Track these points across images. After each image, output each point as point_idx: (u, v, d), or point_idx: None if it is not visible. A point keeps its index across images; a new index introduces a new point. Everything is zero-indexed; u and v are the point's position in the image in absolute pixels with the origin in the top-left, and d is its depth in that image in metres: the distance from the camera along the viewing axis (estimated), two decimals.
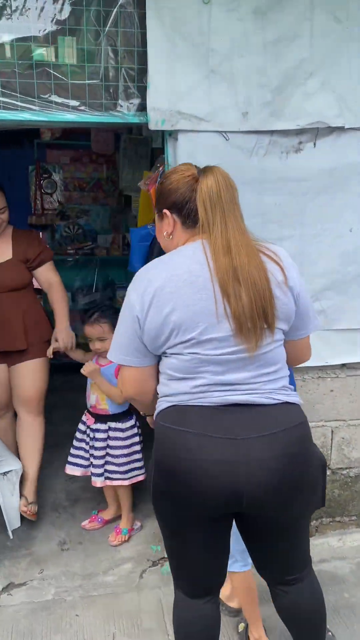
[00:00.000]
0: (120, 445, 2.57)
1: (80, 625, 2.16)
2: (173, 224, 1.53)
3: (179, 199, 1.50)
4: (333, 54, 2.16)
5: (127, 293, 1.49)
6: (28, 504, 2.70)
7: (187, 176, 1.52)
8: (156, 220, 1.62)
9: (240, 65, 2.10)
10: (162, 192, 1.56)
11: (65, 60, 2.01)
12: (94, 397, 2.57)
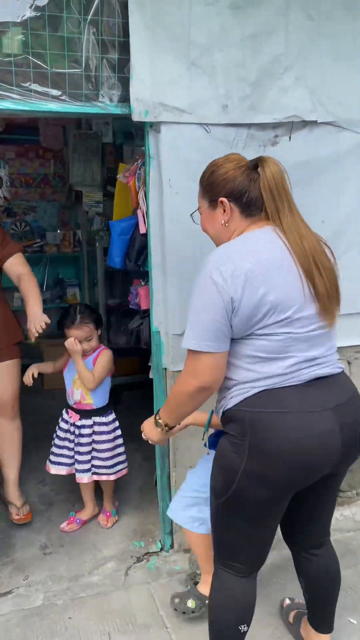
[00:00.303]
0: (105, 439, 2.58)
1: (74, 627, 2.11)
2: (230, 212, 1.55)
3: (238, 188, 1.54)
4: (306, 50, 2.23)
5: (203, 278, 1.47)
6: (19, 509, 2.67)
7: (242, 165, 1.57)
8: (205, 209, 1.64)
9: (220, 58, 2.12)
10: (215, 182, 1.58)
11: (45, 48, 1.94)
12: (79, 392, 2.54)
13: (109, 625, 2.12)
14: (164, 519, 2.52)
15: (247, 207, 1.56)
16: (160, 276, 2.27)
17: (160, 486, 2.50)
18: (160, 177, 2.15)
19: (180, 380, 1.53)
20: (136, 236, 2.29)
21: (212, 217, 1.63)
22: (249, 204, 1.55)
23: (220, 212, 1.59)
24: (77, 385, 2.55)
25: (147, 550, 2.55)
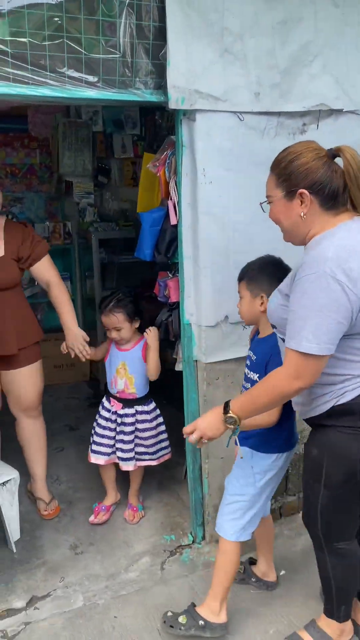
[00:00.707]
0: (148, 427, 2.59)
1: (122, 626, 2.08)
2: (309, 204, 1.51)
3: (321, 179, 1.50)
4: (332, 38, 2.23)
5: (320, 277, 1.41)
6: (47, 505, 2.68)
7: (322, 155, 1.52)
8: (279, 199, 1.57)
9: (252, 45, 2.10)
10: (295, 172, 1.52)
11: (80, 32, 1.87)
12: (122, 382, 2.56)
13: (157, 621, 2.10)
14: (195, 510, 2.51)
15: (328, 200, 1.53)
16: (192, 267, 2.24)
17: (192, 478, 2.48)
18: (195, 166, 2.11)
19: (279, 381, 1.50)
20: (167, 227, 2.25)
21: (288, 209, 1.57)
22: (330, 196, 1.51)
23: (298, 203, 1.54)
24: (120, 374, 2.57)
25: (179, 543, 2.54)
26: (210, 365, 2.33)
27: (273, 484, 2.00)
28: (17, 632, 2.05)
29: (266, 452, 1.93)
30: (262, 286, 1.84)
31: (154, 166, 2.23)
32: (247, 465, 1.95)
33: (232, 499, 1.98)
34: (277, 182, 1.57)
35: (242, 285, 1.91)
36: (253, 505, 1.96)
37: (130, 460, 2.60)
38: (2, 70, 1.80)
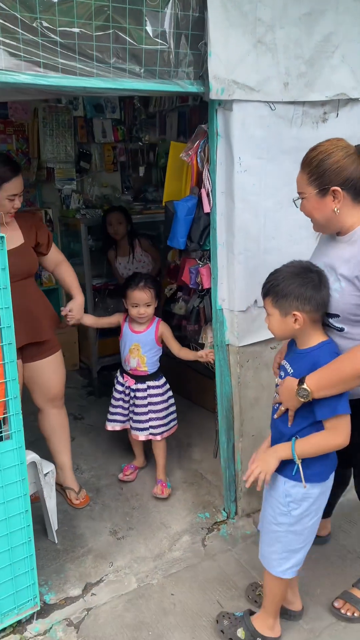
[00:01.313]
0: (160, 400, 2.78)
1: (181, 602, 2.16)
2: (342, 200, 1.62)
3: (352, 176, 1.62)
4: (350, 30, 2.33)
5: None
6: (78, 494, 2.72)
7: (351, 153, 1.63)
8: (312, 196, 1.67)
9: (281, 36, 2.16)
10: (327, 170, 1.62)
11: (126, 21, 1.86)
12: (135, 360, 2.74)
13: (214, 593, 2.20)
14: (229, 487, 2.62)
15: (359, 194, 1.66)
16: (225, 254, 2.31)
17: (225, 457, 2.58)
18: (232, 154, 2.16)
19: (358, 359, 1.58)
20: (200, 215, 2.29)
21: (322, 205, 1.68)
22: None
23: (330, 199, 1.66)
24: (133, 354, 2.73)
25: (214, 520, 2.64)
26: (242, 348, 2.42)
27: (311, 513, 1.79)
28: (82, 619, 2.09)
29: (295, 480, 1.74)
30: (292, 303, 1.65)
31: (186, 155, 2.26)
32: (280, 493, 1.78)
33: (270, 528, 1.84)
34: (310, 180, 1.67)
35: (267, 303, 1.72)
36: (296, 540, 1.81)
37: (144, 431, 2.79)
38: (52, 60, 1.78)
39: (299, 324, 1.66)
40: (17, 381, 1.86)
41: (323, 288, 1.67)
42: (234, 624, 1.97)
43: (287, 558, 1.82)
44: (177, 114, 3.82)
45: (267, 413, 2.59)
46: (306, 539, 1.83)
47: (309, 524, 1.80)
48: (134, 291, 2.63)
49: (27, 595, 2.06)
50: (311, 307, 1.64)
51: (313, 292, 1.64)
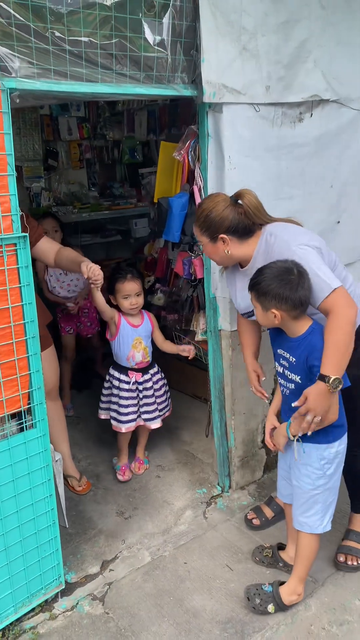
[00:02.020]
0: (162, 384, 2.96)
1: (195, 569, 2.34)
2: (230, 243, 1.99)
3: (233, 223, 1.97)
4: (320, 36, 2.54)
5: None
6: (79, 481, 2.83)
7: (229, 205, 1.98)
8: (207, 243, 2.03)
9: (263, 43, 2.34)
10: (212, 223, 1.98)
11: (127, 30, 1.98)
12: (140, 354, 2.83)
13: (222, 559, 2.39)
14: (223, 463, 2.81)
15: (242, 235, 2.00)
16: None
17: (218, 434, 2.76)
18: (222, 154, 2.33)
19: (343, 317, 1.78)
20: (194, 210, 2.44)
21: (215, 249, 2.04)
22: (243, 231, 1.98)
23: (221, 244, 2.01)
24: (137, 348, 2.83)
25: (211, 494, 2.83)
26: (234, 332, 2.61)
27: (340, 466, 2.03)
28: (105, 593, 2.23)
29: (328, 442, 1.95)
30: (271, 301, 1.82)
31: (179, 154, 2.40)
32: (315, 459, 1.97)
33: (307, 495, 2.01)
34: (202, 232, 2.02)
35: (252, 296, 1.91)
36: (329, 494, 2.02)
37: (157, 419, 2.92)
38: (62, 67, 1.88)
39: (278, 319, 1.84)
40: (41, 372, 1.97)
41: (300, 289, 1.80)
42: (264, 601, 2.10)
43: (325, 513, 2.04)
44: (146, 113, 3.95)
45: None
46: (336, 489, 2.05)
47: (337, 476, 2.03)
48: (124, 283, 2.72)
49: (53, 575, 2.18)
50: (288, 306, 1.80)
51: (290, 292, 1.79)
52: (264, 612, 2.09)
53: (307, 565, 2.10)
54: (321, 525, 2.04)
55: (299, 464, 2.01)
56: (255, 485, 2.89)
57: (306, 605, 2.14)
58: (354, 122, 2.82)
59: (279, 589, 2.11)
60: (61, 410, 2.81)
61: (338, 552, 2.34)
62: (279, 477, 2.23)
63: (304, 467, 2.00)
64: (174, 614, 2.12)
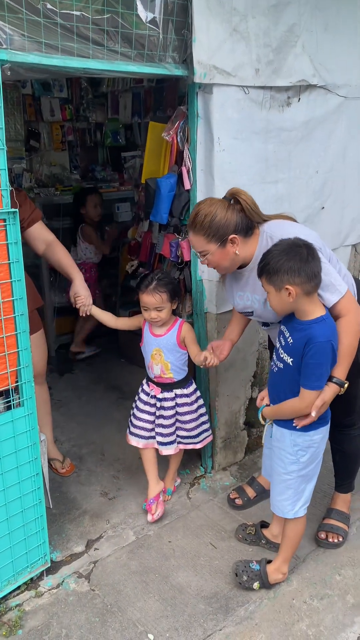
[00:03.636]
0: (189, 410, 2.53)
1: (179, 547, 2.37)
2: (239, 243, 1.99)
3: (237, 222, 1.98)
4: (308, 21, 2.55)
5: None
6: (62, 463, 2.84)
7: (227, 206, 1.99)
8: (215, 250, 1.99)
9: (253, 25, 2.34)
10: (220, 226, 1.96)
11: (120, 7, 1.96)
12: (158, 367, 2.47)
13: (206, 537, 2.42)
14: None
15: (246, 233, 2.02)
16: None
17: None
18: (212, 135, 2.34)
19: (356, 323, 1.89)
20: (182, 192, 2.45)
21: (225, 253, 2.01)
22: (246, 229, 2.00)
23: (230, 246, 1.99)
24: (155, 360, 2.46)
25: (194, 475, 2.86)
26: (219, 315, 2.63)
27: (317, 456, 2.02)
28: (90, 570, 2.24)
29: (303, 430, 1.95)
30: (283, 277, 1.78)
31: (167, 135, 2.40)
32: (288, 444, 1.98)
33: (280, 478, 2.04)
34: (208, 239, 1.99)
35: (263, 282, 1.87)
36: (302, 482, 2.03)
37: (171, 444, 2.54)
38: (53, 40, 1.85)
39: (293, 296, 1.78)
40: (29, 350, 1.96)
41: (311, 259, 1.77)
42: (251, 578, 2.13)
43: (298, 498, 2.04)
44: (131, 95, 3.91)
45: (240, 375, 2.85)
46: (311, 478, 2.05)
47: (313, 465, 2.02)
48: (142, 294, 2.36)
49: (38, 553, 2.18)
50: (301, 279, 1.76)
51: (301, 264, 1.76)
52: (249, 588, 2.13)
53: (292, 547, 2.14)
54: (292, 511, 2.05)
55: (275, 446, 2.05)
56: (237, 467, 2.94)
57: (288, 580, 2.19)
58: (339, 109, 2.84)
59: (267, 569, 2.15)
60: (46, 395, 2.80)
61: (319, 530, 2.40)
62: (263, 455, 2.27)
63: (278, 450, 2.03)
64: (160, 590, 2.15)
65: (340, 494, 2.49)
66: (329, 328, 1.84)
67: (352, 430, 2.32)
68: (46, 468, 2.53)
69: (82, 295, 2.45)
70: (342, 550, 2.35)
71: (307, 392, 1.85)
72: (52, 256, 2.50)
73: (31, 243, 2.50)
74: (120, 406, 3.51)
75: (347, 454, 2.39)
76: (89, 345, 4.26)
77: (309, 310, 1.84)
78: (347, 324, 1.89)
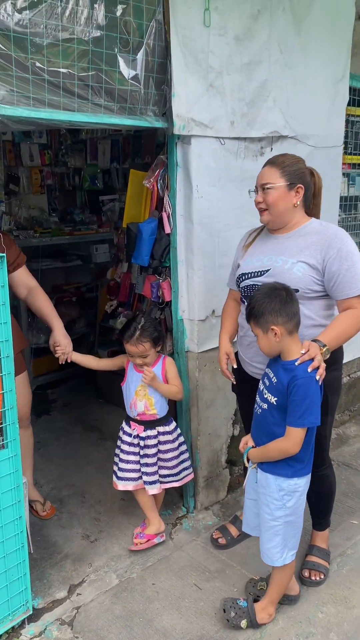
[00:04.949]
0: (171, 448, 2.54)
1: (163, 589, 2.35)
2: (301, 197, 2.09)
3: (309, 183, 2.11)
4: (279, 78, 2.73)
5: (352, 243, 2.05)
6: (43, 505, 2.82)
7: (308, 167, 2.13)
8: (281, 187, 2.06)
9: (228, 81, 2.50)
10: (297, 170, 2.07)
11: (103, 64, 2.09)
12: (142, 403, 2.48)
13: (190, 578, 2.41)
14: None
15: (307, 199, 2.13)
16: (185, 270, 2.58)
17: None
18: (190, 183, 2.45)
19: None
20: (162, 236, 2.54)
21: (287, 196, 2.07)
22: (309, 197, 2.14)
23: (294, 194, 2.08)
24: (139, 396, 2.48)
25: (176, 515, 2.85)
26: (200, 354, 2.69)
27: (302, 502, 2.05)
28: (73, 617, 2.20)
29: (287, 476, 1.98)
30: (268, 319, 1.86)
31: (148, 182, 2.50)
32: (274, 489, 2.00)
33: (268, 525, 2.04)
34: (282, 174, 2.06)
35: (252, 326, 1.94)
36: (290, 528, 2.04)
37: (155, 484, 2.53)
38: (40, 95, 1.95)
39: (279, 336, 1.86)
40: (14, 392, 1.98)
41: (289, 300, 1.88)
42: (239, 615, 2.13)
43: (284, 547, 2.05)
44: (110, 142, 4.05)
45: (221, 413, 2.89)
46: (299, 525, 2.07)
47: (299, 511, 2.04)
48: (127, 344, 2.41)
49: (20, 601, 2.13)
50: (283, 319, 1.85)
51: (281, 305, 1.86)
52: (236, 626, 2.12)
53: (280, 590, 2.16)
54: (280, 559, 2.06)
55: (260, 492, 2.06)
56: (219, 505, 2.94)
57: (274, 620, 2.18)
58: (309, 158, 2.95)
59: (255, 608, 2.15)
60: (30, 439, 2.77)
61: (303, 568, 2.41)
62: (245, 507, 2.21)
63: (264, 496, 2.04)
64: (144, 634, 2.12)
65: (317, 531, 2.51)
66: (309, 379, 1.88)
67: (322, 470, 2.35)
68: (27, 511, 2.50)
69: (61, 344, 2.49)
70: (324, 587, 2.37)
71: (292, 430, 1.88)
72: (34, 302, 2.55)
73: (14, 287, 2.53)
74: (100, 447, 3.50)
75: (320, 493, 2.42)
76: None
77: (293, 350, 1.90)
78: (356, 313, 2.01)
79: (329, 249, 2.01)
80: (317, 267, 2.03)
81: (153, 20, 2.20)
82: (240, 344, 2.31)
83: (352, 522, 2.80)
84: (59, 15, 1.95)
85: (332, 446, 3.05)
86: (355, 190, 3.78)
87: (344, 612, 2.23)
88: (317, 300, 2.08)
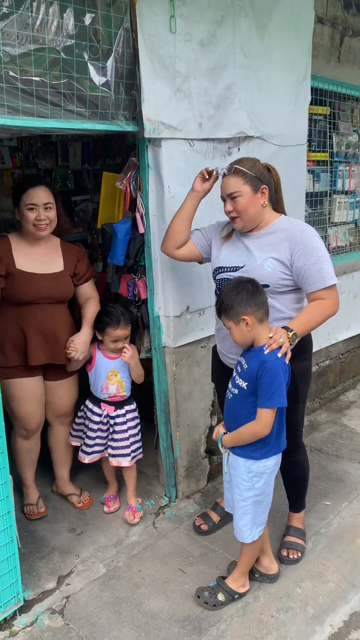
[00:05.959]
0: (136, 424, 2.82)
1: (150, 575, 2.45)
2: (266, 197, 2.20)
3: (270, 182, 2.23)
4: (244, 81, 2.83)
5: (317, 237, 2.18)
6: (80, 497, 2.94)
7: (265, 165, 2.25)
8: (248, 192, 2.16)
9: (195, 85, 2.59)
10: (258, 172, 2.18)
11: (73, 71, 2.16)
12: (114, 387, 2.72)
13: (175, 564, 2.51)
14: (169, 474, 2.95)
15: (271, 197, 2.25)
16: (160, 268, 2.67)
17: (164, 446, 2.91)
18: (162, 184, 2.54)
19: (329, 308, 2.13)
20: (136, 235, 2.62)
21: (255, 200, 2.18)
22: (272, 194, 2.25)
23: (260, 196, 2.19)
24: (111, 380, 2.72)
25: (159, 505, 2.95)
26: (177, 349, 2.79)
27: (271, 482, 2.18)
28: (63, 606, 2.28)
29: (255, 458, 2.09)
30: (238, 310, 1.98)
31: (121, 184, 2.58)
32: (243, 471, 2.12)
33: (238, 505, 2.18)
34: (245, 181, 2.16)
35: (223, 319, 2.05)
36: (258, 507, 2.17)
37: (127, 456, 2.76)
38: (14, 103, 2.02)
39: (250, 325, 1.98)
40: None
41: (256, 291, 2.01)
42: (212, 593, 2.26)
43: (253, 525, 2.18)
44: (80, 144, 4.10)
45: (199, 405, 3.00)
46: (267, 503, 2.21)
47: (268, 490, 2.17)
48: (116, 330, 2.63)
49: (11, 593, 2.20)
50: (252, 308, 1.98)
51: (249, 296, 1.98)
52: (215, 603, 2.23)
53: (249, 562, 2.30)
54: (250, 536, 2.19)
55: (231, 474, 2.18)
56: (200, 494, 3.05)
57: (255, 597, 2.31)
58: (275, 156, 3.12)
59: (224, 581, 2.28)
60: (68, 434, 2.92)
61: (281, 548, 2.54)
62: (224, 488, 2.32)
63: (235, 478, 2.17)
64: (133, 618, 2.21)
65: (294, 513, 2.65)
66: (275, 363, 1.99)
67: (296, 456, 2.48)
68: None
69: (77, 349, 2.60)
70: (301, 564, 2.50)
71: (263, 412, 1.99)
72: (84, 308, 2.73)
73: (77, 296, 2.74)
74: None
75: (295, 477, 2.55)
76: None
77: (263, 336, 2.02)
78: (324, 303, 2.13)
79: (296, 245, 2.13)
80: (286, 262, 2.14)
81: (121, 28, 2.28)
82: (216, 337, 2.42)
83: (325, 503, 2.95)
84: (30, 25, 2.01)
85: (304, 432, 3.19)
86: (321, 186, 3.93)
87: (319, 587, 2.37)
88: (287, 294, 2.20)
